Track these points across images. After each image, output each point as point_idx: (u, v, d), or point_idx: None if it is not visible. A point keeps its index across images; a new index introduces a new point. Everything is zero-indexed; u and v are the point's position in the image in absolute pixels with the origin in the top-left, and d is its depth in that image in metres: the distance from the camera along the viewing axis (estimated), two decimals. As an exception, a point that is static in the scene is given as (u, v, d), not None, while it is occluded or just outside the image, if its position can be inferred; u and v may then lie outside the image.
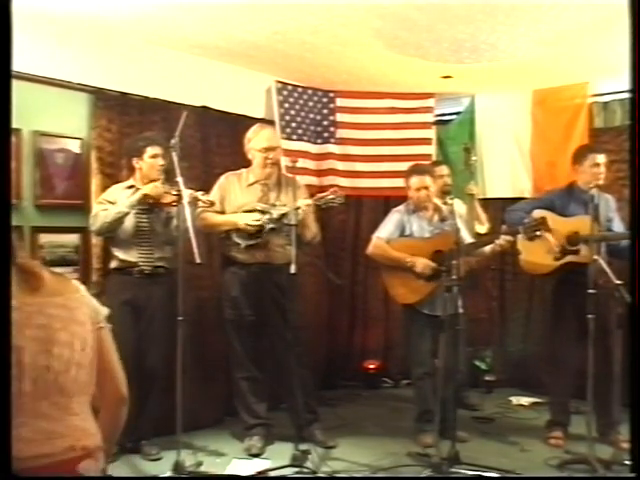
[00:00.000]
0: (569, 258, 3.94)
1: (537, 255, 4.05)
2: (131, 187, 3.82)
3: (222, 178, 4.08)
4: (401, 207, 4.25)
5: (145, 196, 3.69)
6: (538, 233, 3.86)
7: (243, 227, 3.86)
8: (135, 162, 3.82)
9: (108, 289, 3.85)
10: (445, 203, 4.02)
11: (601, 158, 4.04)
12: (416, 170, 4.22)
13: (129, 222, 3.73)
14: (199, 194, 3.67)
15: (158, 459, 3.72)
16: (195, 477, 3.43)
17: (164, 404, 3.74)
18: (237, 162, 4.23)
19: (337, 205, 3.85)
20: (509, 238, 3.86)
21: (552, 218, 3.95)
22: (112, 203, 3.74)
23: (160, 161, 3.78)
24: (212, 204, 3.83)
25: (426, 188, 4.04)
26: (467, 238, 4.06)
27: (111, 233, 3.75)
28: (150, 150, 3.79)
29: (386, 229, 4.17)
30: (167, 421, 3.54)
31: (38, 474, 1.44)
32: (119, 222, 3.69)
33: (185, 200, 3.41)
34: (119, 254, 3.77)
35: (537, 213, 4.01)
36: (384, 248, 4.12)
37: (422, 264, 3.96)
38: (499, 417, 4.72)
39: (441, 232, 4.01)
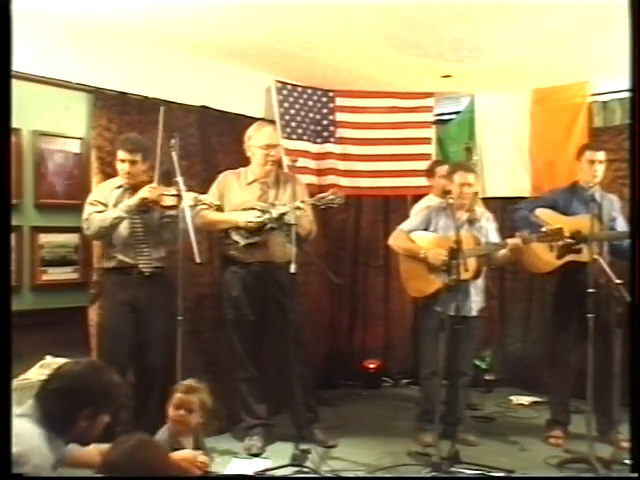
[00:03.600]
0: (571, 257, 3.94)
1: (540, 254, 4.05)
2: (120, 187, 3.75)
3: (221, 176, 4.08)
4: (433, 204, 4.27)
5: (143, 200, 3.63)
6: (553, 243, 3.88)
7: (244, 225, 3.86)
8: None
9: (106, 289, 3.82)
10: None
11: (598, 155, 4.04)
12: (461, 167, 4.20)
13: (123, 224, 3.68)
14: (202, 197, 3.66)
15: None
16: (195, 477, 3.42)
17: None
18: (239, 161, 4.23)
19: (337, 206, 3.86)
20: (520, 245, 3.85)
21: (555, 217, 3.96)
22: (104, 204, 3.68)
23: (126, 167, 3.68)
24: (217, 208, 3.86)
25: (470, 185, 4.01)
26: (494, 238, 4.06)
27: (107, 237, 3.70)
28: (118, 154, 3.72)
29: (410, 222, 4.21)
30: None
31: None
32: (116, 226, 3.65)
33: (186, 202, 3.39)
34: (117, 255, 3.72)
35: (540, 212, 4.01)
36: (403, 239, 4.13)
37: (434, 253, 3.95)
38: (499, 416, 4.73)
39: (461, 231, 3.96)
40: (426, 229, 4.12)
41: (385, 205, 5.84)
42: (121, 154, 3.71)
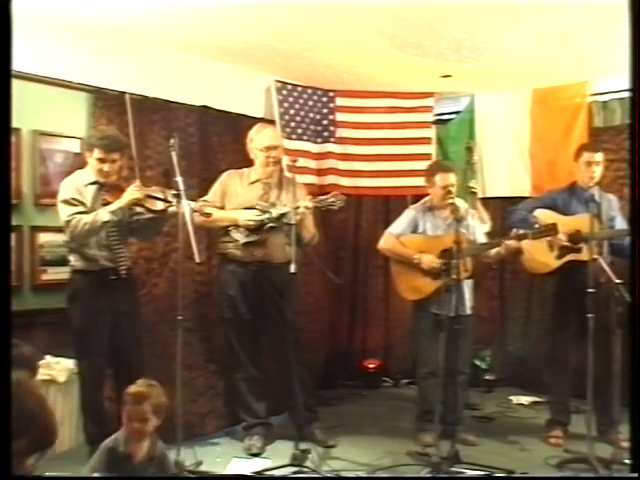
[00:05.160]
0: (571, 257, 3.95)
1: (540, 254, 4.05)
2: (94, 183, 3.54)
3: (224, 175, 4.10)
4: (418, 204, 4.26)
5: (133, 200, 3.47)
6: (549, 239, 3.88)
7: (243, 223, 3.86)
8: (87, 156, 3.57)
9: (82, 292, 3.52)
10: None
11: (596, 157, 4.05)
12: (441, 168, 4.21)
13: None
14: (197, 207, 3.58)
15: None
16: (195, 477, 3.43)
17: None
18: (239, 160, 4.24)
19: (337, 208, 3.86)
20: (515, 244, 3.85)
21: (554, 217, 3.96)
22: (83, 203, 3.49)
23: (106, 167, 3.48)
24: (219, 207, 3.90)
25: (451, 186, 4.01)
26: (481, 238, 4.06)
27: (90, 239, 3.50)
28: (95, 153, 3.50)
29: (398, 225, 4.20)
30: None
31: None
32: (103, 228, 3.48)
33: (185, 202, 3.36)
34: (97, 257, 3.52)
35: (539, 213, 4.02)
36: (393, 243, 4.14)
37: (428, 260, 3.97)
38: (499, 416, 4.73)
39: (451, 231, 3.97)
40: (414, 231, 4.12)
41: (385, 205, 5.84)
42: (99, 153, 3.48)
